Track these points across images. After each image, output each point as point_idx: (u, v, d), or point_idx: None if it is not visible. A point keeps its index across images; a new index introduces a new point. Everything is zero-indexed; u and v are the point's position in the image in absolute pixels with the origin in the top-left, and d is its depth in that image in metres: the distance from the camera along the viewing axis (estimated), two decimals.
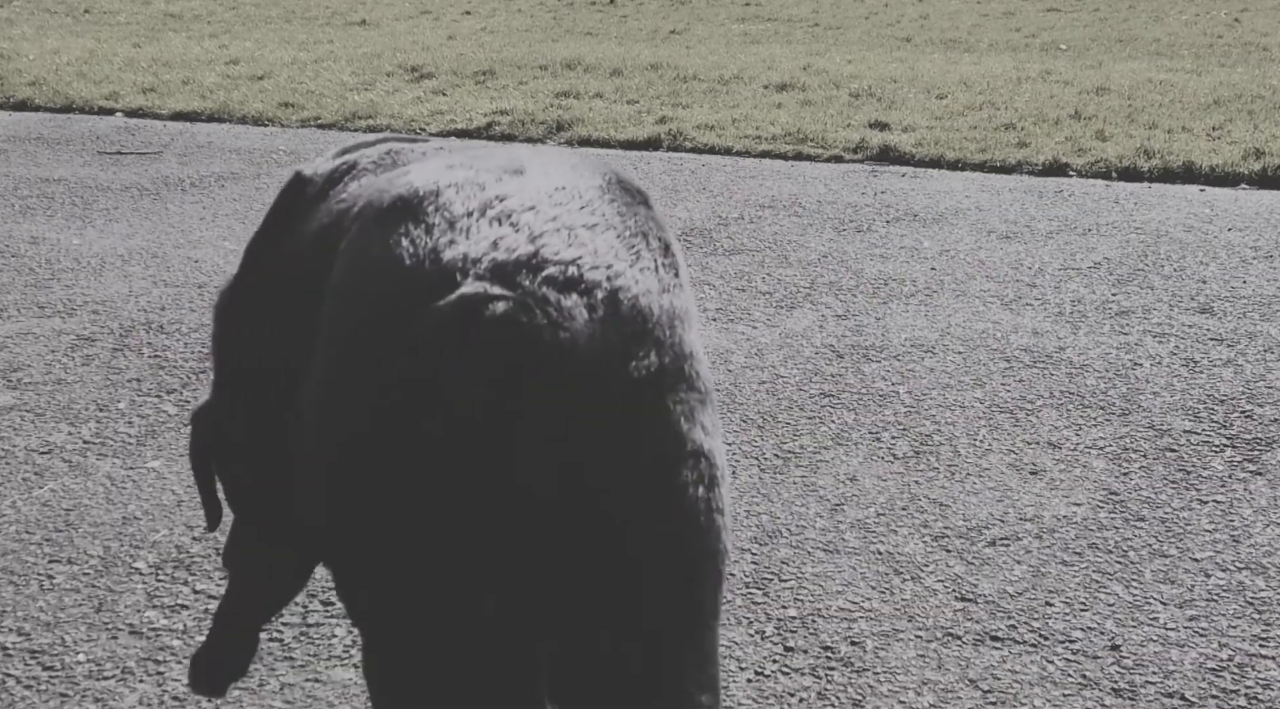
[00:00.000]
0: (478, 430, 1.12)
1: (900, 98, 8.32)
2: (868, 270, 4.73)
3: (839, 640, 2.32)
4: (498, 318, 1.12)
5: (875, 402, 3.47)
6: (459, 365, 1.13)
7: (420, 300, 1.16)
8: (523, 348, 1.12)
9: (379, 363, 1.18)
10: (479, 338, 1.12)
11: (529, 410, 1.12)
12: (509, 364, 1.12)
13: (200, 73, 9.22)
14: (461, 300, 1.14)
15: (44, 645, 2.27)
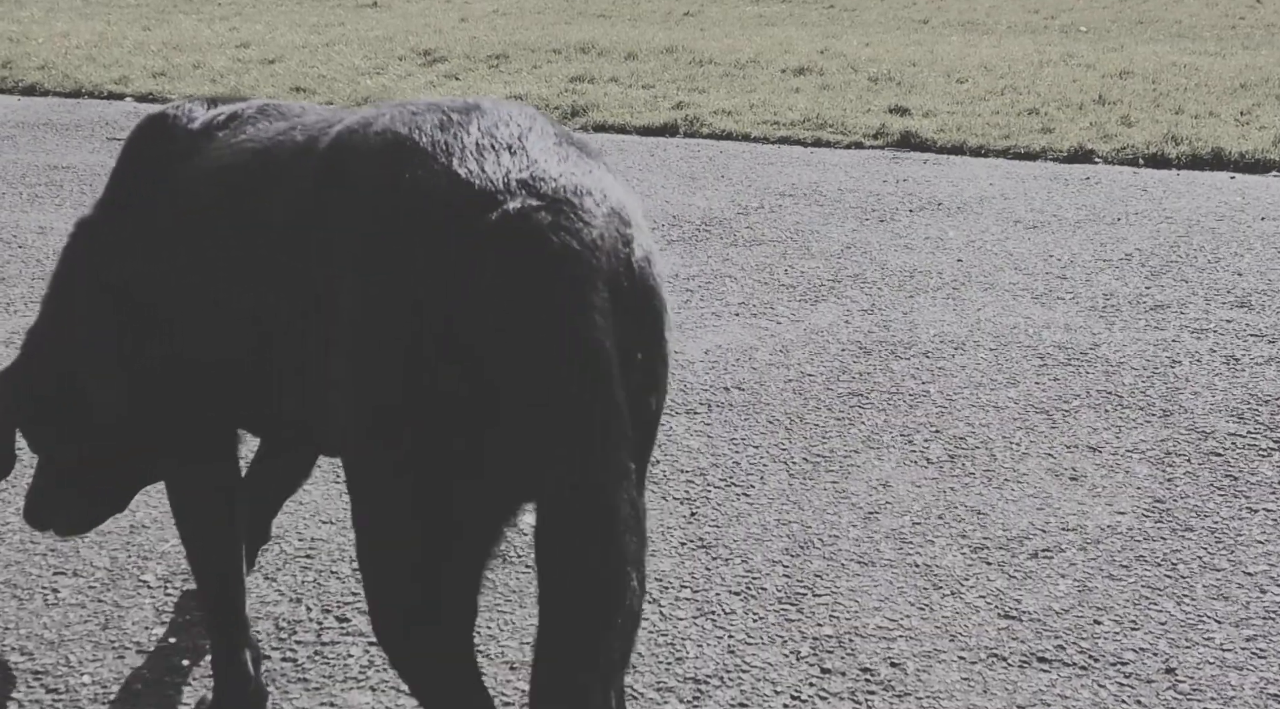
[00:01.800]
0: (545, 306, 1.39)
1: (920, 82, 8.18)
2: (892, 262, 4.62)
3: (878, 662, 2.22)
4: (545, 224, 1.40)
5: (906, 401, 3.36)
6: (523, 259, 1.40)
7: (476, 217, 1.42)
8: (566, 241, 1.41)
9: (450, 267, 1.41)
10: (533, 238, 1.40)
11: (579, 287, 1.39)
12: (557, 253, 1.40)
13: (211, 56, 9.11)
14: (515, 212, 1.41)
15: (48, 665, 2.17)
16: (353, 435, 1.51)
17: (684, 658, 2.23)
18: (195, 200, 1.79)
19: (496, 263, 1.40)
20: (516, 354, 1.39)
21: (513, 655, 2.23)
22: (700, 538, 2.65)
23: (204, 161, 1.83)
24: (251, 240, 1.67)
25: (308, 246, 1.58)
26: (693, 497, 2.83)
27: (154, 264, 1.83)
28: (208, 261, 1.74)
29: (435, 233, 1.43)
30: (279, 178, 1.67)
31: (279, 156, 1.71)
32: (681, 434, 3.14)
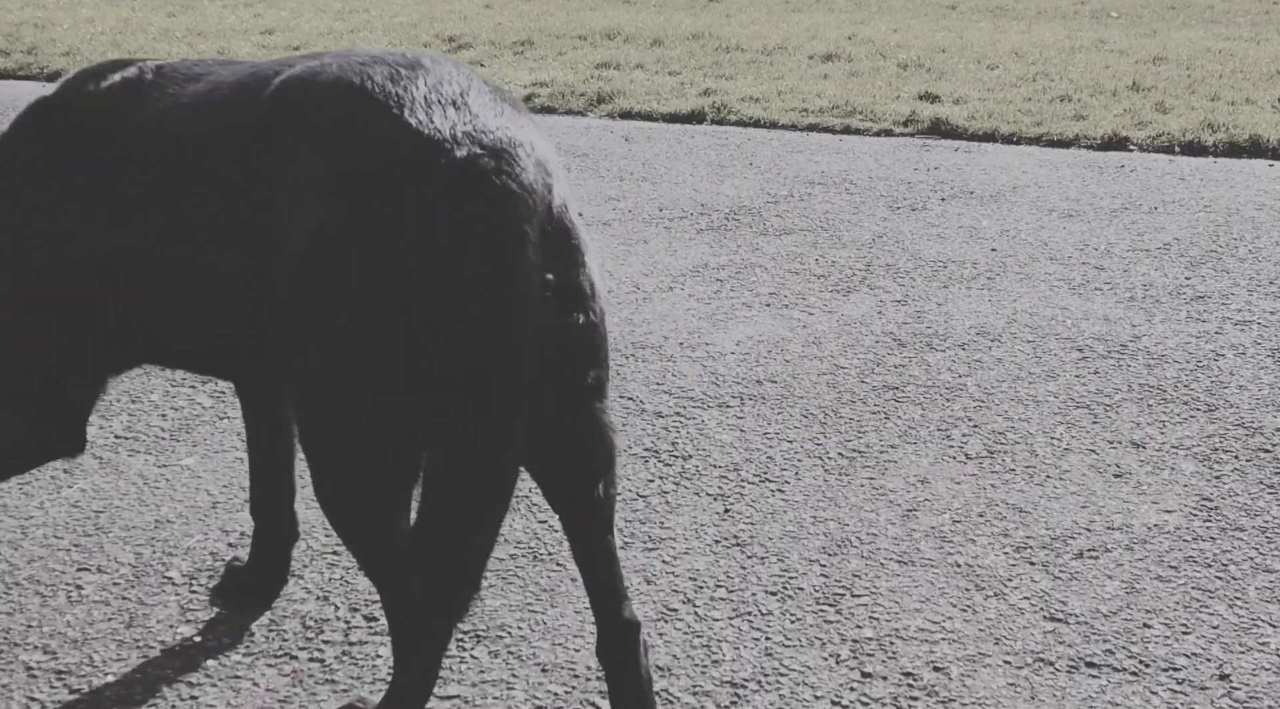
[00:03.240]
0: (491, 239, 1.59)
1: (950, 68, 8.08)
2: (925, 251, 4.54)
3: (921, 665, 2.15)
4: (490, 169, 1.60)
5: (942, 395, 3.29)
6: (472, 199, 1.59)
7: (431, 162, 1.60)
8: (506, 184, 1.60)
9: (407, 206, 1.59)
10: (480, 181, 1.59)
11: (517, 225, 1.60)
12: (500, 195, 1.59)
13: (235, 43, 9.07)
14: (463, 159, 1.60)
15: (71, 665, 2.13)
16: (315, 355, 1.67)
17: (720, 660, 2.17)
18: (132, 169, 1.87)
19: (450, 202, 1.59)
20: (465, 279, 1.58)
21: (545, 657, 2.17)
22: (734, 535, 2.59)
23: (124, 126, 1.90)
24: (204, 196, 1.78)
25: (262, 193, 1.71)
26: (726, 492, 2.77)
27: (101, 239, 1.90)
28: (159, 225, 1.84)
29: (395, 176, 1.61)
30: (224, 131, 1.78)
31: (219, 111, 1.81)
32: (714, 428, 3.08)
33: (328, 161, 1.65)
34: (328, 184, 1.64)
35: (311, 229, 1.64)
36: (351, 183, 1.63)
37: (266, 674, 2.11)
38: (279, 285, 1.70)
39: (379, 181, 1.62)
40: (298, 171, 1.67)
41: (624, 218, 4.96)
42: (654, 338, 3.67)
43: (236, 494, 2.70)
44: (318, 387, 1.70)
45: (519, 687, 2.10)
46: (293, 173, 1.68)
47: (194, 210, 1.79)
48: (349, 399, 1.67)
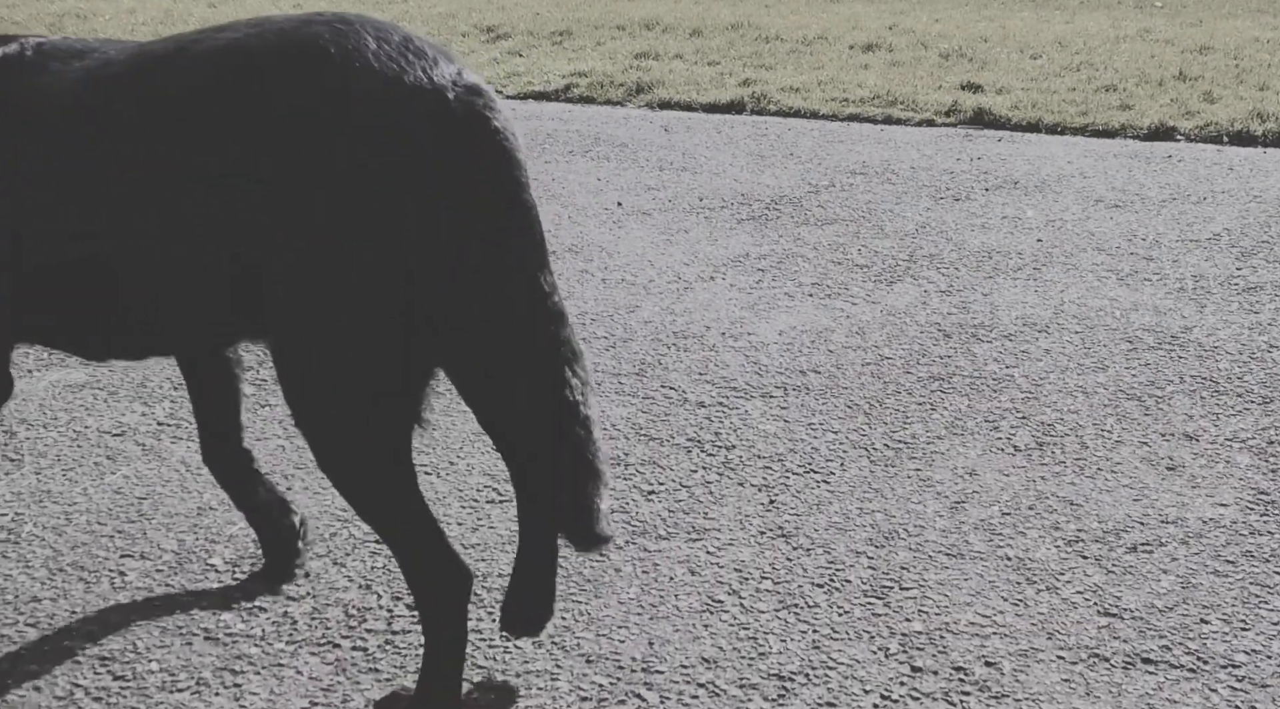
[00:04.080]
0: (500, 169, 1.71)
1: (992, 58, 7.99)
2: (969, 242, 4.48)
3: (972, 660, 2.11)
4: (482, 106, 1.70)
5: (989, 386, 3.24)
6: (476, 133, 1.69)
7: (420, 102, 1.66)
8: (501, 119, 1.72)
9: (408, 135, 1.65)
10: (479, 118, 1.69)
11: (514, 153, 1.73)
12: (499, 129, 1.70)
13: None
14: (457, 99, 1.68)
15: (115, 651, 2.12)
16: (322, 296, 1.68)
17: (767, 653, 2.14)
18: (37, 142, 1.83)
19: (455, 136, 1.67)
20: (479, 208, 1.68)
21: (589, 648, 2.15)
22: (780, 526, 2.55)
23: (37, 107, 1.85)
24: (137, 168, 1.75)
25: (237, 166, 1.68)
26: (770, 483, 2.73)
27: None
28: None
29: (395, 118, 1.65)
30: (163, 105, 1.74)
31: (146, 87, 1.77)
32: (757, 418, 3.05)
33: (316, 118, 1.64)
34: (321, 142, 1.64)
35: (310, 192, 1.64)
36: (349, 136, 1.64)
37: (310, 662, 2.09)
38: (264, 249, 1.69)
39: (379, 131, 1.64)
40: (271, 136, 1.65)
41: (664, 207, 4.92)
42: (695, 327, 3.64)
43: (279, 481, 2.69)
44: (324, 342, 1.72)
45: (563, 678, 2.07)
46: (264, 138, 1.66)
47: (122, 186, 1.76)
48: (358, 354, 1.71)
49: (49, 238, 1.84)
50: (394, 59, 1.67)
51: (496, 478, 2.73)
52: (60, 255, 1.85)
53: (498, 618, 2.16)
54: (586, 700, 2.02)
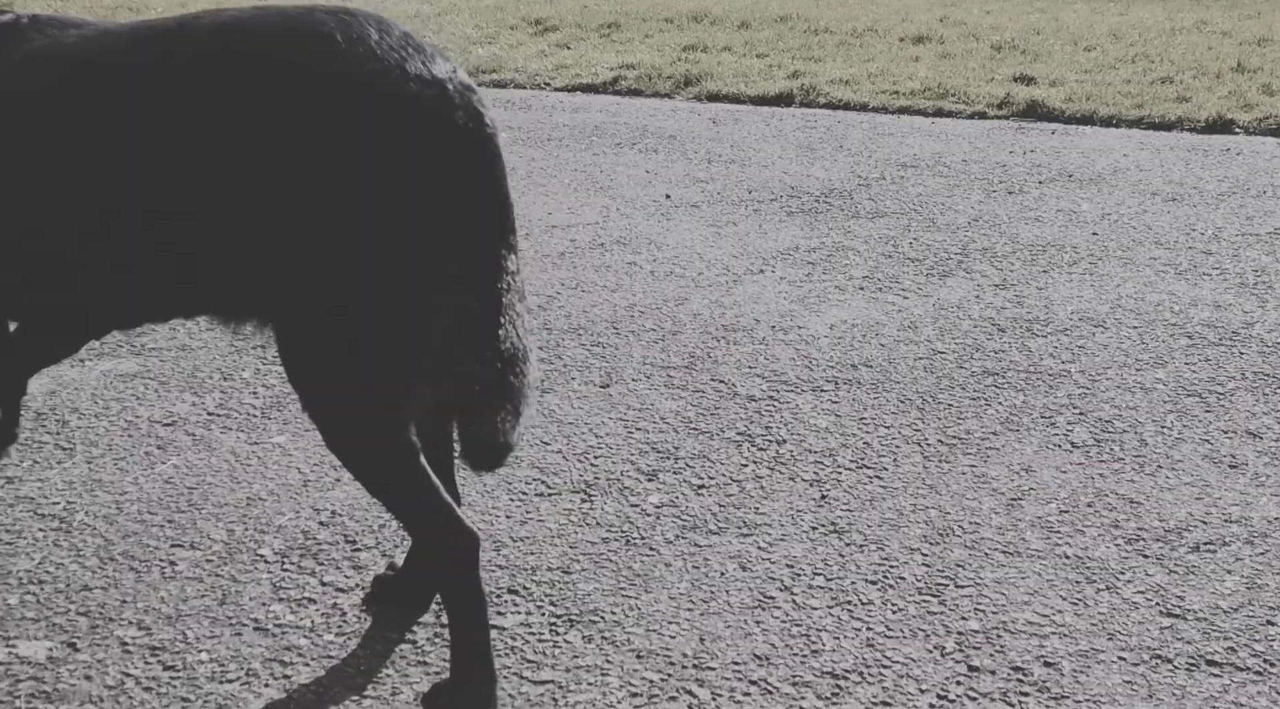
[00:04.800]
0: (482, 151, 1.78)
1: (1045, 50, 7.89)
2: (1023, 235, 4.42)
3: (1030, 660, 2.07)
4: (475, 100, 1.78)
5: (1045, 382, 3.18)
6: (462, 121, 1.75)
7: (424, 91, 1.72)
8: (487, 114, 1.79)
9: (412, 121, 1.72)
10: (469, 111, 1.76)
11: (495, 140, 1.81)
12: (485, 121, 1.78)
13: None
14: (456, 86, 1.75)
15: (165, 641, 2.11)
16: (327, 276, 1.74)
17: (820, 650, 2.11)
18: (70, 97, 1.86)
19: (453, 126, 1.73)
20: (466, 195, 1.76)
21: (639, 643, 2.12)
22: (832, 522, 2.52)
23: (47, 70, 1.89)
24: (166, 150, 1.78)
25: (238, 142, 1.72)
26: (822, 478, 2.70)
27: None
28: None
29: (401, 104, 1.70)
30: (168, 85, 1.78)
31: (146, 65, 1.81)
32: (808, 413, 3.01)
33: (321, 101, 1.70)
34: (328, 123, 1.69)
35: (316, 170, 1.70)
36: (357, 118, 1.69)
37: (359, 654, 2.08)
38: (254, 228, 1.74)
39: (386, 115, 1.70)
40: (277, 115, 1.70)
41: (713, 200, 4.89)
42: (745, 320, 3.60)
43: (328, 473, 2.68)
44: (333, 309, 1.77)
45: (613, 673, 2.05)
46: (269, 115, 1.70)
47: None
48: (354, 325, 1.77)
49: (44, 207, 1.89)
50: (395, 50, 1.72)
51: (545, 470, 2.71)
52: (56, 223, 1.89)
53: None
54: (637, 696, 1.99)
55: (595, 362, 3.30)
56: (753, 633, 2.15)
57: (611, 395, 3.10)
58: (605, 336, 3.47)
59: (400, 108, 1.69)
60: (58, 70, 1.88)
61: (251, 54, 1.73)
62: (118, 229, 1.84)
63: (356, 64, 1.69)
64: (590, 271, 4.02)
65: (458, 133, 1.73)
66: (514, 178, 5.20)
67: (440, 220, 1.73)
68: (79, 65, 1.86)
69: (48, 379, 3.13)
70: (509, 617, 2.19)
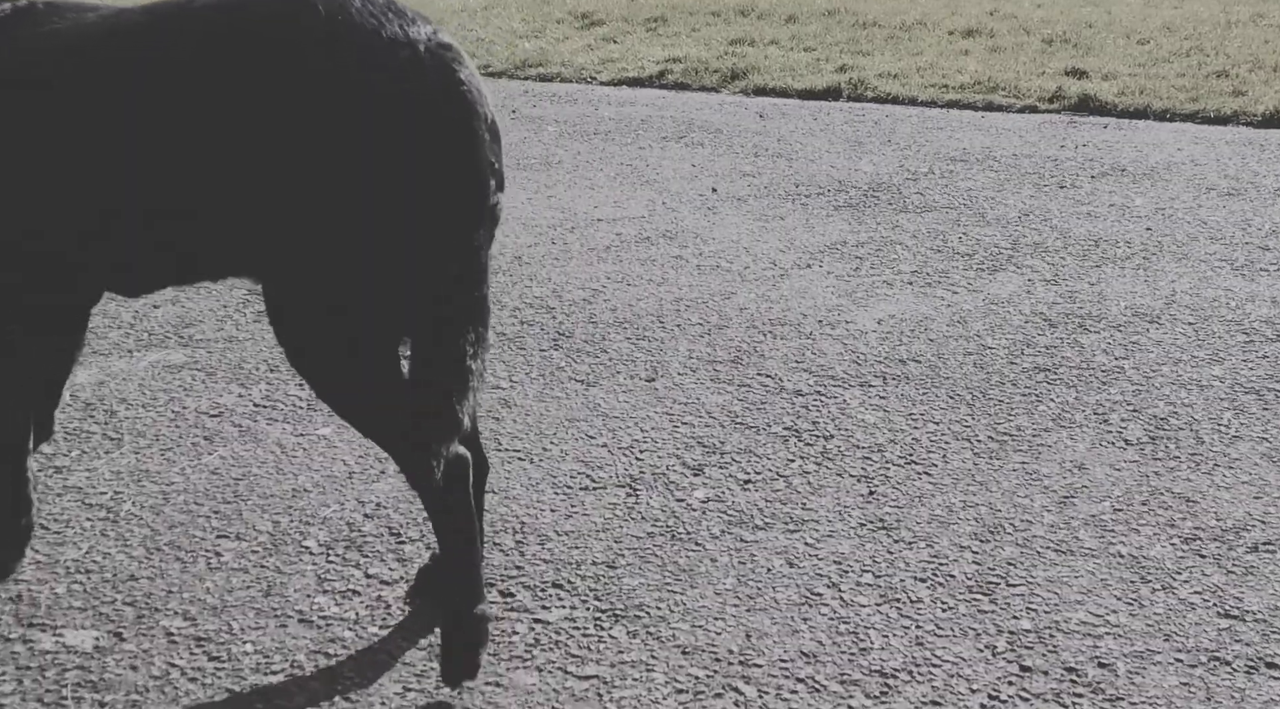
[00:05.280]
0: (461, 95, 1.86)
1: (1098, 43, 7.79)
2: (1075, 230, 4.36)
3: (1084, 661, 2.03)
4: (452, 59, 1.86)
5: (1098, 378, 3.13)
6: (433, 79, 1.84)
7: (395, 52, 1.82)
8: (462, 71, 1.87)
9: (382, 81, 1.82)
10: (449, 69, 1.85)
11: (471, 97, 1.87)
12: (462, 76, 1.86)
13: None
14: (430, 46, 1.85)
15: (210, 632, 2.11)
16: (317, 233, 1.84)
17: (869, 649, 2.08)
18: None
19: (425, 84, 1.82)
20: (439, 152, 1.83)
21: (685, 639, 2.10)
22: (880, 519, 2.48)
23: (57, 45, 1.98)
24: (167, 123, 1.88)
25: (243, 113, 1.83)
26: (870, 474, 2.66)
27: None
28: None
29: (371, 65, 1.81)
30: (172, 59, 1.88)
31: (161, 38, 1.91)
32: (856, 408, 2.98)
33: (299, 67, 1.81)
34: (305, 86, 1.81)
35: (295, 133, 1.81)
36: (330, 81, 1.80)
37: (402, 646, 2.07)
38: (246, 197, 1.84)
39: (356, 76, 1.80)
40: (263, 82, 1.82)
41: (759, 194, 4.86)
42: (792, 315, 3.57)
43: (373, 465, 2.68)
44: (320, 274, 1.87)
45: (658, 669, 2.03)
46: (256, 83, 1.82)
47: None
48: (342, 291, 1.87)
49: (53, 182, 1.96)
50: (374, 15, 1.83)
51: (590, 464, 2.69)
52: (65, 196, 1.96)
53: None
54: (683, 693, 1.97)
55: (641, 355, 3.28)
56: (800, 630, 2.12)
57: (657, 389, 3.08)
58: (651, 330, 3.45)
59: (370, 69, 1.80)
60: (79, 46, 1.96)
61: (243, 27, 1.86)
62: (130, 195, 1.93)
63: (335, 28, 1.81)
64: (636, 265, 4.00)
65: (429, 89, 1.82)
66: (559, 171, 5.21)
67: (409, 174, 1.82)
68: (96, 42, 1.95)
69: (96, 370, 3.15)
70: (553, 611, 2.17)
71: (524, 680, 1.99)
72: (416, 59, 1.82)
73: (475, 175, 1.87)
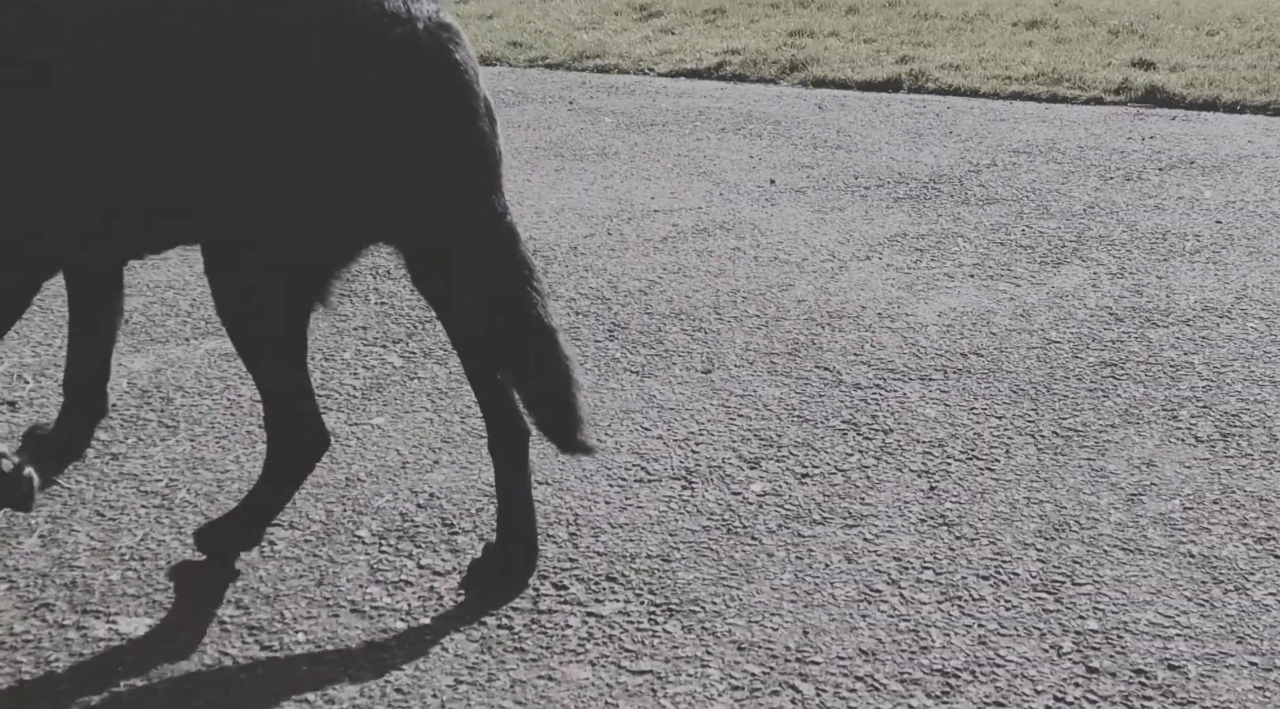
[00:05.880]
0: (456, 72, 1.96)
1: (1165, 34, 7.64)
2: (1142, 223, 4.26)
3: (1154, 663, 1.97)
4: (447, 35, 1.95)
5: (1166, 373, 3.05)
6: (429, 56, 1.93)
7: (394, 28, 1.91)
8: (458, 51, 1.95)
9: (380, 56, 1.91)
10: (437, 46, 1.94)
11: (466, 76, 1.97)
12: (458, 56, 1.95)
13: None
14: (429, 24, 1.93)
15: (262, 621, 2.10)
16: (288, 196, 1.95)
17: (929, 647, 2.03)
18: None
19: (420, 61, 1.91)
20: (435, 126, 1.94)
21: (740, 635, 2.06)
22: (941, 515, 2.43)
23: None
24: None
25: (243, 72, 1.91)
26: (930, 469, 2.61)
27: None
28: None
29: (370, 40, 1.90)
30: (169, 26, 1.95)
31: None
32: (915, 402, 2.92)
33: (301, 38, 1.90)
34: (304, 56, 1.89)
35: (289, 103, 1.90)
36: (329, 53, 1.89)
37: (455, 639, 2.05)
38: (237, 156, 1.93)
39: (356, 50, 1.88)
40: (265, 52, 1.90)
41: (818, 185, 4.80)
42: (851, 307, 3.51)
43: (426, 455, 2.66)
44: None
45: (714, 664, 1.99)
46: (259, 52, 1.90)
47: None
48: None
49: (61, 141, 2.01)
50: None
51: (645, 456, 2.66)
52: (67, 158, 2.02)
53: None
54: (738, 689, 1.93)
55: (697, 347, 3.24)
56: (858, 627, 2.08)
57: (713, 381, 3.04)
58: (707, 322, 3.41)
59: (371, 41, 1.89)
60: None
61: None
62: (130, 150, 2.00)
63: (340, 4, 1.91)
64: (692, 256, 3.96)
65: (424, 66, 1.91)
66: (616, 162, 5.17)
67: (407, 145, 1.92)
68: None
69: (153, 358, 3.15)
70: (607, 604, 2.14)
71: (577, 674, 1.96)
72: (414, 35, 1.90)
73: (479, 153, 1.97)
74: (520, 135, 5.61)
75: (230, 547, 2.24)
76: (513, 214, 2.08)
